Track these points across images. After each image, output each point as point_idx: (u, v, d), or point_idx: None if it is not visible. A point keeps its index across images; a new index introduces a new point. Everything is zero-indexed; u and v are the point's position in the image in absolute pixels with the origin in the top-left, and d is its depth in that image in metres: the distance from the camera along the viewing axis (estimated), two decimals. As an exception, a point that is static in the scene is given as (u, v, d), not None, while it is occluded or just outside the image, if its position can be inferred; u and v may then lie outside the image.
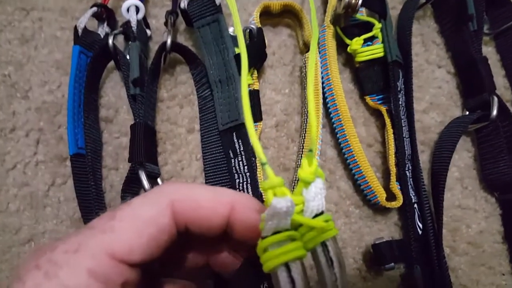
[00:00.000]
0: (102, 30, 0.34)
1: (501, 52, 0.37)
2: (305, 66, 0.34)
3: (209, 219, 0.17)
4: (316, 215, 0.16)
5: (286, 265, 0.14)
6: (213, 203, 0.17)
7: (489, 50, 0.37)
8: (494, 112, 0.33)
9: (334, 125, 0.33)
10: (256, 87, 0.33)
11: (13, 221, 0.31)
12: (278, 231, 0.15)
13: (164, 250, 0.17)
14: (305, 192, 0.15)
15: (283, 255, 0.14)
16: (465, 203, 0.33)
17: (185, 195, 0.17)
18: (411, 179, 0.32)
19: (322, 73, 0.34)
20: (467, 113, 0.35)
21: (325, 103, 0.34)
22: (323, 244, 0.15)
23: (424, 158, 0.34)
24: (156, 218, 0.16)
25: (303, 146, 0.33)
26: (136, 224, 0.16)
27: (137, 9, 0.32)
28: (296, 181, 0.32)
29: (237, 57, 0.31)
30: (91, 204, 0.30)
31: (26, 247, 0.31)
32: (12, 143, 0.33)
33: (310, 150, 0.16)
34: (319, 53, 0.34)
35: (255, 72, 0.33)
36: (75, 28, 0.32)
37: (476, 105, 0.34)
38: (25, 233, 0.31)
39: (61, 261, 0.15)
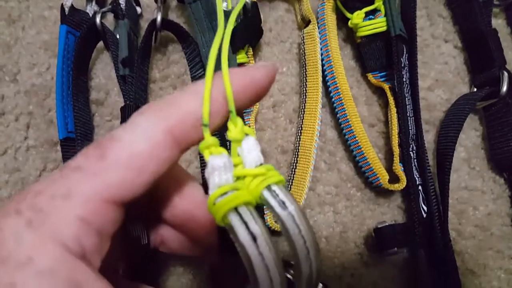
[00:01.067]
0: (91, 8, 0.32)
1: (512, 24, 0.35)
2: (304, 42, 0.33)
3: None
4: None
5: (237, 213, 0.14)
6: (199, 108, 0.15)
7: (499, 23, 0.35)
8: (504, 88, 0.31)
9: (334, 105, 0.32)
10: (251, 65, 0.31)
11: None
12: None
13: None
14: (240, 151, 0.16)
15: (230, 201, 0.14)
16: (472, 184, 0.32)
17: (176, 114, 0.15)
18: (415, 160, 0.30)
19: (321, 49, 0.32)
20: (475, 89, 0.33)
21: (324, 81, 0.32)
22: (271, 191, 0.15)
23: (429, 138, 0.33)
24: (155, 152, 0.14)
25: (301, 127, 0.31)
26: (133, 164, 0.14)
27: (126, -15, 0.31)
28: (294, 161, 0.31)
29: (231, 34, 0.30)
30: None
31: (19, 234, 0.30)
32: (1, 127, 0.32)
33: (230, 111, 0.16)
34: (318, 28, 0.32)
35: (250, 49, 0.31)
36: (62, 7, 0.31)
37: (484, 81, 0.32)
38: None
39: (48, 208, 0.13)
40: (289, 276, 0.18)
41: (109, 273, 0.14)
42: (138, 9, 0.33)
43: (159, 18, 0.30)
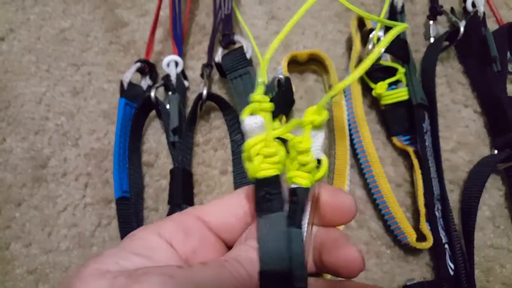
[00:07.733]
0: (145, 82, 0.37)
1: (528, 90, 0.38)
2: (332, 110, 0.36)
3: None
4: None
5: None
6: None
7: (515, 89, 0.38)
8: (523, 151, 0.33)
9: (362, 166, 0.34)
10: (285, 131, 0.35)
11: (63, 259, 0.34)
12: None
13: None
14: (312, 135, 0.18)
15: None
16: (498, 242, 0.33)
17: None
18: (441, 219, 0.32)
19: (348, 115, 0.36)
20: (496, 151, 0.35)
21: (352, 144, 0.35)
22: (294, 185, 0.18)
23: (454, 197, 0.34)
24: (238, 205, 0.20)
25: (332, 186, 0.34)
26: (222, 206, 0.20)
27: (176, 64, 0.35)
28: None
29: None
30: (134, 244, 0.32)
31: (74, 284, 0.33)
32: (63, 187, 0.36)
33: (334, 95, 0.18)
34: (345, 97, 0.36)
35: (284, 117, 0.35)
36: (121, 83, 0.35)
37: (504, 144, 0.35)
38: (73, 271, 0.34)
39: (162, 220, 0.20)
40: None
41: None
42: (186, 83, 0.37)
43: (205, 92, 0.34)
